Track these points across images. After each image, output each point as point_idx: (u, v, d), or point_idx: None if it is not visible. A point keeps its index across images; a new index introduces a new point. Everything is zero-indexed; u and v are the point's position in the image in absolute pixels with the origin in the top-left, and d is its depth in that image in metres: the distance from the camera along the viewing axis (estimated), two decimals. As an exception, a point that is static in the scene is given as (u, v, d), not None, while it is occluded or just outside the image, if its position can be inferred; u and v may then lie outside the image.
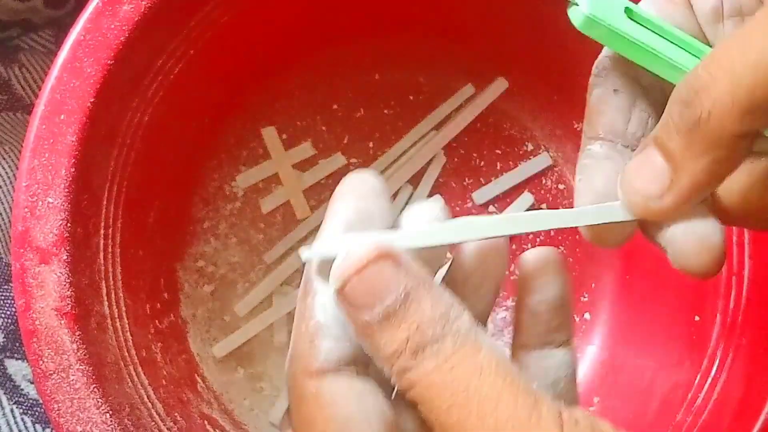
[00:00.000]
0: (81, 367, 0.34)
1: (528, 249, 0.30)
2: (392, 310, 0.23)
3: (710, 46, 0.27)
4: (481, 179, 0.51)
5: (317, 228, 0.50)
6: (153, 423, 0.37)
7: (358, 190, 0.26)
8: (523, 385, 0.23)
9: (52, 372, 0.33)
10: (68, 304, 0.34)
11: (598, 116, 0.28)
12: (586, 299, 0.50)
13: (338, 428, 0.24)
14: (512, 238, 0.49)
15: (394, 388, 0.26)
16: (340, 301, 0.24)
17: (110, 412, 0.34)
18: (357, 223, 0.26)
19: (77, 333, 0.34)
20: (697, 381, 0.40)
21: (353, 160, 0.51)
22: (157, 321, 0.43)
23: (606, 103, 0.28)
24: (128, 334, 0.39)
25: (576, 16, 0.26)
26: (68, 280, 0.34)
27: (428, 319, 0.23)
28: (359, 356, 0.25)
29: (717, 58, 0.23)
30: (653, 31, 0.26)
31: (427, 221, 0.26)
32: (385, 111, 0.51)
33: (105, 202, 0.38)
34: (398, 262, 0.24)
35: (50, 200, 0.34)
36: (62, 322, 0.34)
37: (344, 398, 0.24)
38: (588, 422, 0.23)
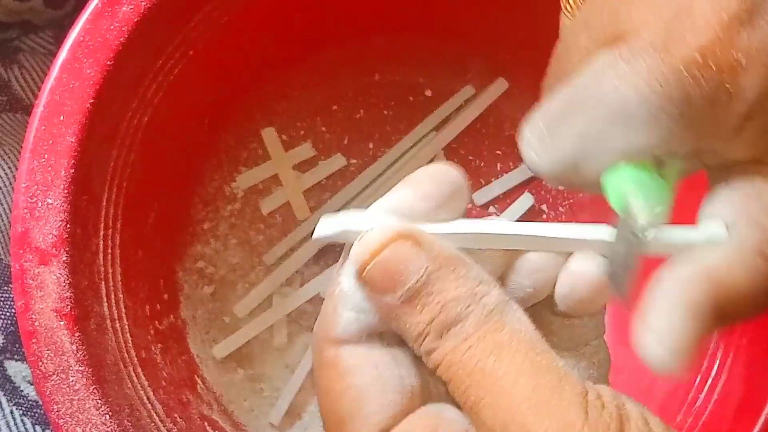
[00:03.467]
0: (80, 368, 0.34)
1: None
2: (414, 293, 0.23)
3: None
4: (481, 180, 0.51)
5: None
6: (153, 424, 0.37)
7: (424, 187, 0.25)
8: (546, 364, 0.22)
9: (51, 373, 0.33)
10: (68, 305, 0.34)
11: None
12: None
13: (352, 398, 0.24)
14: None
15: None
16: (361, 284, 0.24)
17: (110, 414, 0.34)
18: (399, 217, 0.24)
19: (77, 334, 0.34)
20: (697, 382, 0.40)
21: (353, 161, 0.51)
22: (156, 322, 0.43)
23: None
24: (128, 335, 0.38)
25: None
26: (68, 281, 0.34)
27: (452, 299, 0.23)
28: (386, 328, 0.24)
29: None
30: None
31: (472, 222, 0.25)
32: (385, 111, 0.51)
33: (104, 203, 0.38)
34: (418, 243, 0.23)
35: (50, 201, 0.34)
36: (62, 323, 0.34)
37: (360, 369, 0.24)
38: (614, 405, 0.22)
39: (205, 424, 0.43)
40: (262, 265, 0.49)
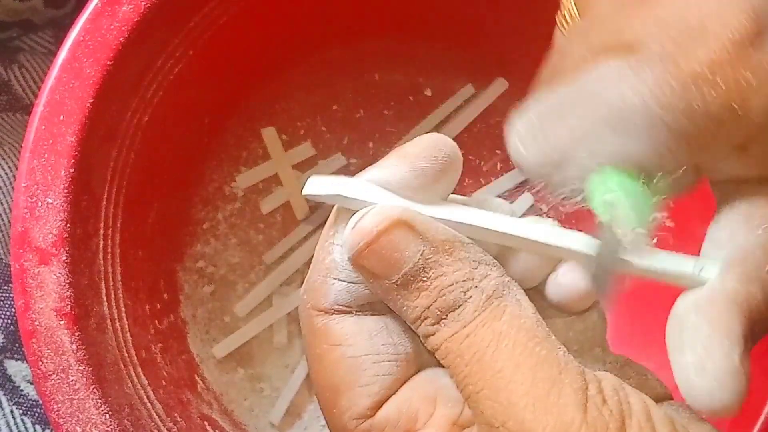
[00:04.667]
0: (80, 367, 0.34)
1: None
2: (411, 277, 0.23)
3: None
4: (481, 180, 0.51)
5: (317, 228, 0.50)
6: (153, 424, 0.37)
7: (419, 163, 0.24)
8: (545, 355, 0.22)
9: (51, 372, 0.33)
10: (68, 304, 0.34)
11: None
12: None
13: (347, 369, 0.24)
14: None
15: None
16: (356, 268, 0.23)
17: (110, 413, 0.34)
18: (395, 190, 0.24)
19: (77, 333, 0.34)
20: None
21: (353, 161, 0.51)
22: (156, 321, 0.43)
23: None
24: (128, 334, 0.38)
25: None
26: (68, 281, 0.34)
27: (449, 284, 0.22)
28: (378, 299, 0.24)
29: None
30: None
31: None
32: (385, 111, 0.51)
33: (104, 203, 0.38)
34: (413, 228, 0.23)
35: (50, 201, 0.34)
36: (62, 322, 0.34)
37: (353, 338, 0.24)
38: (616, 400, 0.21)
39: (205, 423, 0.43)
40: (262, 265, 0.49)
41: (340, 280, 0.24)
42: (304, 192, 0.25)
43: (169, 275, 0.47)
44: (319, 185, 0.24)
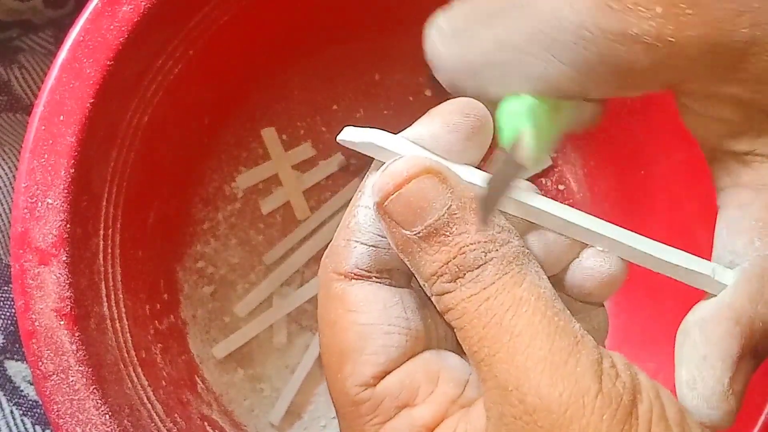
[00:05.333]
0: (80, 368, 0.34)
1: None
2: (434, 230, 0.22)
3: None
4: (481, 179, 0.51)
5: (317, 228, 0.50)
6: (153, 424, 0.37)
7: (453, 118, 0.24)
8: (563, 325, 0.22)
9: (51, 373, 0.33)
10: (67, 305, 0.34)
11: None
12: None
13: (357, 334, 0.24)
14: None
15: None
16: (380, 214, 0.23)
17: (110, 413, 0.34)
18: (427, 145, 0.24)
19: (77, 334, 0.34)
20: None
21: (353, 161, 0.51)
22: (156, 322, 0.43)
23: None
24: (128, 335, 0.38)
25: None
26: (68, 281, 0.34)
27: (471, 243, 0.22)
28: (398, 266, 0.24)
29: None
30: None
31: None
32: (385, 111, 0.51)
33: (104, 203, 0.38)
34: (444, 179, 0.23)
35: (49, 201, 0.34)
36: (62, 323, 0.34)
37: (368, 305, 0.24)
38: (628, 375, 0.22)
39: (205, 424, 0.43)
40: (262, 265, 0.49)
41: (362, 243, 0.24)
42: (339, 138, 0.25)
43: (169, 275, 0.47)
44: (354, 133, 0.25)
